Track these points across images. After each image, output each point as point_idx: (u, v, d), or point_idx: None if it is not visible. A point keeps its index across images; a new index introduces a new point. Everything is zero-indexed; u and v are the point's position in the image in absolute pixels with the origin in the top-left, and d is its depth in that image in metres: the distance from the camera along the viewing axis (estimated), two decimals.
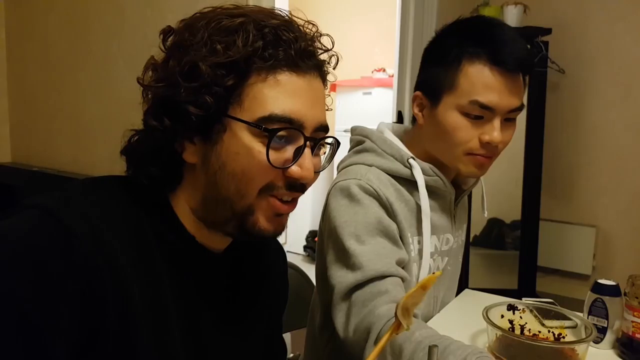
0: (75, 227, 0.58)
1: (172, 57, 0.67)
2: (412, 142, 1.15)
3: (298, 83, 0.67)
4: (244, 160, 0.65)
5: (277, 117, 0.65)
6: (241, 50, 0.64)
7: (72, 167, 2.72)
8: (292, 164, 0.67)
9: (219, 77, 0.64)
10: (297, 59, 0.67)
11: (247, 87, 0.65)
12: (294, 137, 0.67)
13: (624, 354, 1.06)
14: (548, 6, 3.14)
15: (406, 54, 2.81)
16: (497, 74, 1.02)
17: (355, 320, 0.94)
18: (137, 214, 0.67)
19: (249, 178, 0.66)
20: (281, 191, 0.69)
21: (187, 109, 0.64)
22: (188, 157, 0.68)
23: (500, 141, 1.04)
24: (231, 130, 0.65)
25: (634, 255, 3.08)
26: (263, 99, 0.65)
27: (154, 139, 0.68)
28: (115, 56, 2.56)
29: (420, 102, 1.11)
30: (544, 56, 2.89)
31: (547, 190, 3.11)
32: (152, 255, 0.66)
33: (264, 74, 0.65)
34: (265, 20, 0.66)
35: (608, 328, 1.08)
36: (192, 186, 0.70)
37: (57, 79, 2.78)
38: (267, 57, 0.65)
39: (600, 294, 1.09)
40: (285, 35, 0.66)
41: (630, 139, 3.09)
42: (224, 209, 0.69)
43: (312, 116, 0.68)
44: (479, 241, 3.09)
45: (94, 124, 2.68)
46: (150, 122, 0.68)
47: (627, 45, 3.06)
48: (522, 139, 2.94)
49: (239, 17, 0.66)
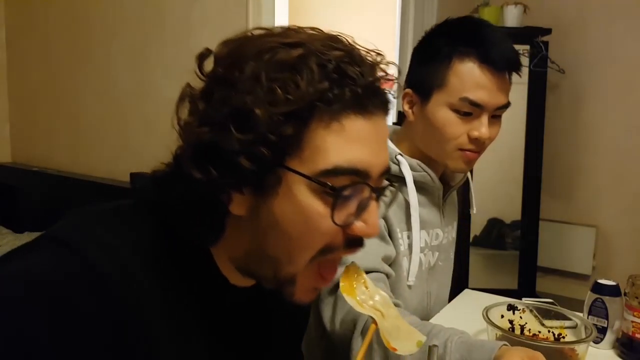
0: (103, 266, 0.54)
1: (215, 91, 0.58)
2: (401, 139, 1.18)
3: (364, 127, 0.58)
4: (302, 222, 0.57)
5: (342, 170, 0.56)
6: (304, 94, 0.54)
7: (72, 167, 2.72)
8: (355, 219, 0.59)
9: (276, 125, 0.54)
10: (363, 98, 0.57)
11: (307, 135, 0.56)
12: (359, 189, 0.59)
13: (624, 354, 1.06)
14: (548, 6, 3.14)
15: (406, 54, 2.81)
16: (486, 72, 1.05)
17: (341, 314, 0.99)
18: (169, 252, 0.61)
19: (304, 244, 0.59)
20: (338, 252, 0.61)
21: (238, 161, 0.55)
22: (235, 209, 0.59)
23: (488, 137, 1.08)
24: (287, 183, 0.57)
25: (634, 255, 3.08)
26: (326, 148, 0.56)
27: (196, 190, 0.59)
28: (115, 56, 2.56)
29: (410, 99, 1.13)
30: (543, 56, 2.88)
31: (547, 191, 3.11)
32: (182, 295, 0.62)
33: (326, 119, 0.56)
34: (327, 52, 0.56)
35: (608, 328, 1.08)
36: (235, 238, 0.62)
37: (57, 79, 2.78)
38: (332, 99, 0.56)
39: (600, 294, 1.09)
40: (350, 69, 0.57)
41: (631, 139, 3.09)
42: (267, 269, 0.61)
43: (378, 163, 0.60)
44: (479, 241, 3.09)
45: (94, 124, 2.68)
46: (192, 172, 0.57)
47: (627, 45, 3.06)
48: (522, 139, 2.94)
49: (297, 48, 0.56)
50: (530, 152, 2.96)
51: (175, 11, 2.34)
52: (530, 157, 2.97)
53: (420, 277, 1.15)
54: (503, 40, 1.07)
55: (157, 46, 2.42)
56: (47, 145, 2.86)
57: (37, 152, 2.89)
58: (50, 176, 2.64)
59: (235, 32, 0.63)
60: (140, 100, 2.50)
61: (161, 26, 2.39)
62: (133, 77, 2.51)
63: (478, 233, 3.08)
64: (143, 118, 2.49)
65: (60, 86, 2.77)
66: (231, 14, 2.18)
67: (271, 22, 2.20)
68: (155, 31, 2.41)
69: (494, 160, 3.07)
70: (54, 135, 2.84)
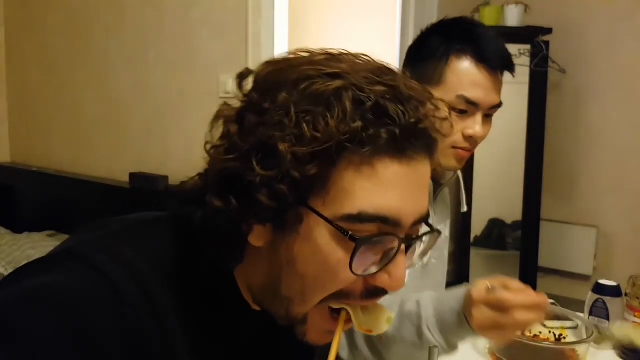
0: (126, 287, 0.52)
1: (247, 116, 0.54)
2: None
3: (400, 172, 0.53)
4: (319, 266, 0.54)
5: (368, 217, 0.51)
6: (334, 132, 0.50)
7: (71, 167, 2.72)
8: (379, 269, 0.54)
9: (301, 164, 0.50)
10: (402, 141, 0.52)
11: (334, 174, 0.52)
12: (385, 240, 0.54)
13: (625, 355, 1.06)
14: (549, 6, 3.14)
15: None
16: (482, 71, 1.06)
17: None
18: (191, 273, 0.59)
19: (320, 286, 0.55)
20: (354, 301, 0.56)
21: (258, 197, 0.52)
22: (254, 239, 0.56)
23: (482, 135, 1.09)
24: (309, 224, 0.53)
25: (634, 255, 3.07)
26: (353, 192, 0.52)
27: (217, 220, 0.56)
28: (114, 56, 2.56)
29: None
30: (544, 56, 2.88)
31: (548, 191, 3.10)
32: (202, 317, 0.60)
33: (357, 162, 0.51)
34: (368, 86, 0.52)
35: None
36: (253, 268, 0.60)
37: (56, 79, 2.78)
38: (365, 141, 0.51)
39: (601, 294, 1.09)
40: (390, 107, 0.51)
41: (632, 139, 3.08)
42: (279, 306, 0.58)
43: (413, 211, 0.54)
44: (480, 242, 3.09)
45: (93, 124, 2.67)
46: (214, 201, 0.55)
47: (628, 45, 3.06)
48: (523, 139, 2.94)
49: (336, 80, 0.52)
50: (531, 152, 2.96)
51: (175, 11, 2.33)
52: (531, 157, 2.96)
53: (414, 276, 1.15)
54: (497, 39, 1.09)
55: (156, 46, 2.41)
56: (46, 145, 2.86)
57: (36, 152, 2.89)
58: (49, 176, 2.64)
59: (235, 32, 0.61)
60: (139, 100, 2.50)
61: (161, 26, 2.39)
62: (132, 76, 2.51)
63: (479, 233, 3.08)
64: (142, 118, 2.49)
65: (59, 86, 2.77)
66: (231, 14, 2.18)
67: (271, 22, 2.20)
68: (155, 31, 2.41)
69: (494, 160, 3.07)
70: (52, 135, 2.84)
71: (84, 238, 0.59)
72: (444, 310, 0.91)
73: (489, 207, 3.03)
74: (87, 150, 2.70)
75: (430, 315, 0.92)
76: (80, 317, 0.50)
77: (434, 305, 0.93)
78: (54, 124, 2.83)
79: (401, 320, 0.94)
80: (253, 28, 2.16)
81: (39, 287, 0.51)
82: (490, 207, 3.04)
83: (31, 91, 2.89)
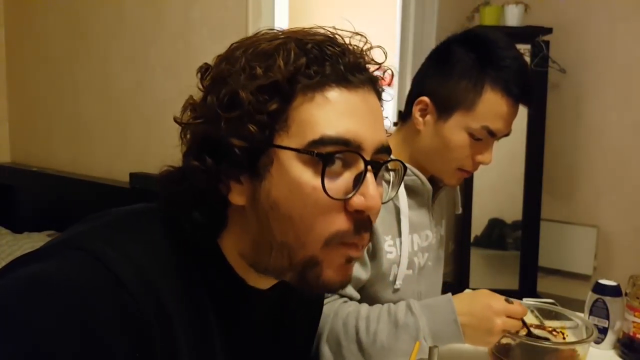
0: (124, 273, 0.53)
1: (210, 92, 0.60)
2: (394, 141, 1.17)
3: (352, 99, 0.59)
4: (299, 199, 0.57)
5: (330, 140, 0.56)
6: (283, 69, 0.56)
7: (71, 167, 2.71)
8: (353, 193, 0.58)
9: (261, 103, 0.56)
10: (346, 72, 0.58)
11: (293, 110, 0.57)
12: (352, 161, 0.58)
13: (625, 355, 1.06)
14: (549, 6, 3.14)
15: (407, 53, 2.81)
16: (509, 104, 1.06)
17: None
18: (184, 254, 0.61)
19: (308, 225, 0.58)
20: (351, 238, 0.59)
21: (229, 142, 0.57)
22: (234, 198, 0.60)
23: (490, 162, 1.12)
24: (279, 161, 0.58)
25: (635, 255, 3.07)
26: (312, 121, 0.57)
27: (197, 181, 0.60)
28: (114, 56, 2.56)
29: (424, 108, 1.11)
30: (544, 56, 2.88)
31: (548, 190, 3.10)
32: (200, 299, 0.61)
33: (310, 93, 0.57)
34: (307, 37, 0.59)
35: (609, 328, 1.07)
36: (241, 230, 0.62)
37: (56, 79, 2.78)
38: (312, 74, 0.57)
39: (601, 294, 1.09)
40: (330, 49, 0.59)
41: (632, 138, 3.08)
42: (280, 257, 0.60)
43: (371, 136, 0.59)
44: (480, 241, 3.09)
45: (93, 124, 2.67)
46: (191, 163, 0.60)
47: (628, 45, 3.06)
48: (523, 139, 2.94)
49: (278, 39, 0.59)
50: (531, 152, 2.96)
51: (175, 11, 2.33)
52: (531, 157, 2.96)
53: (411, 279, 1.15)
54: (525, 68, 1.10)
55: (156, 46, 2.41)
56: (46, 145, 2.86)
57: (36, 152, 2.89)
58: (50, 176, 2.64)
59: (235, 32, 0.65)
60: (139, 100, 2.50)
61: (161, 26, 2.38)
62: (132, 76, 2.51)
63: (479, 233, 3.08)
64: (142, 118, 2.49)
65: (59, 86, 2.77)
66: (231, 14, 2.18)
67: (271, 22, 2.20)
68: (155, 31, 2.41)
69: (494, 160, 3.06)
70: (53, 135, 2.83)
71: (79, 229, 0.60)
72: (438, 320, 0.96)
73: (489, 207, 3.03)
74: (87, 150, 2.70)
75: (425, 326, 0.95)
76: (81, 306, 0.50)
77: (426, 315, 0.96)
78: (54, 124, 2.82)
79: (398, 331, 0.96)
80: (253, 28, 2.15)
81: (36, 274, 0.52)
82: (490, 207, 3.04)
83: (31, 91, 2.89)
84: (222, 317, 0.64)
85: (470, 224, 3.02)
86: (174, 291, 0.57)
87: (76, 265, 0.53)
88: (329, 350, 0.97)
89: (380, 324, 0.97)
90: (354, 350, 0.96)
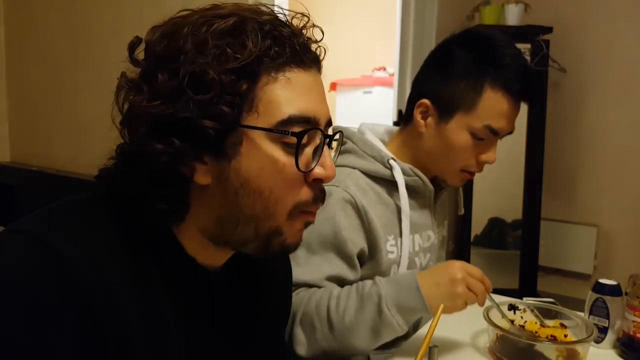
0: (66, 251, 0.54)
1: (159, 70, 0.59)
2: (395, 141, 1.16)
3: (307, 79, 0.64)
4: (270, 176, 0.61)
5: (296, 119, 0.61)
6: (253, 51, 0.59)
7: (71, 166, 2.72)
8: (314, 165, 0.64)
9: (231, 84, 0.58)
10: (301, 54, 0.63)
11: (259, 90, 0.60)
12: (312, 136, 0.64)
13: (625, 354, 1.06)
14: (549, 5, 3.13)
15: (407, 52, 2.80)
16: (510, 102, 1.07)
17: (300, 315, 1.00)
18: (134, 236, 0.62)
19: (278, 196, 0.62)
20: (310, 207, 0.66)
21: (201, 123, 0.57)
22: (200, 178, 0.62)
23: (494, 161, 1.11)
24: (249, 141, 0.60)
25: (635, 254, 3.07)
26: (278, 101, 0.61)
27: (158, 165, 0.59)
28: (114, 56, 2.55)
29: (425, 110, 1.11)
30: (544, 55, 2.87)
31: (548, 190, 3.10)
32: (150, 278, 0.62)
33: (273, 74, 0.61)
34: (258, 17, 0.61)
35: (609, 328, 1.07)
36: (204, 209, 0.64)
37: (56, 78, 2.78)
38: (275, 55, 0.61)
39: (602, 293, 1.08)
40: (283, 31, 0.62)
41: (632, 137, 3.08)
42: (246, 229, 0.64)
43: (323, 112, 0.65)
44: (480, 241, 3.08)
45: (93, 124, 2.67)
46: (153, 146, 0.59)
47: (628, 44, 3.05)
48: (523, 138, 2.93)
49: (230, 17, 0.60)
50: (531, 151, 2.95)
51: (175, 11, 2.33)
52: (531, 156, 2.96)
53: None
54: (525, 66, 1.10)
55: None
56: (46, 144, 2.86)
57: (36, 151, 2.89)
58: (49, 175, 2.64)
59: None
60: None
61: None
62: None
63: (479, 232, 3.08)
64: None
65: (59, 85, 2.77)
66: None
67: None
68: None
69: None
70: (53, 134, 2.83)
71: (28, 217, 0.60)
72: (400, 289, 0.95)
73: (489, 207, 3.03)
74: (87, 149, 2.70)
75: (388, 294, 0.95)
76: (26, 286, 0.51)
77: (390, 285, 0.96)
78: (54, 123, 2.82)
79: (362, 302, 0.96)
80: None
81: None
82: (491, 206, 3.04)
83: (31, 90, 2.89)
84: (174, 299, 0.65)
85: (470, 223, 3.02)
86: (122, 271, 0.59)
87: (15, 249, 0.54)
88: (302, 333, 0.97)
89: (349, 301, 0.97)
90: (326, 332, 0.96)
